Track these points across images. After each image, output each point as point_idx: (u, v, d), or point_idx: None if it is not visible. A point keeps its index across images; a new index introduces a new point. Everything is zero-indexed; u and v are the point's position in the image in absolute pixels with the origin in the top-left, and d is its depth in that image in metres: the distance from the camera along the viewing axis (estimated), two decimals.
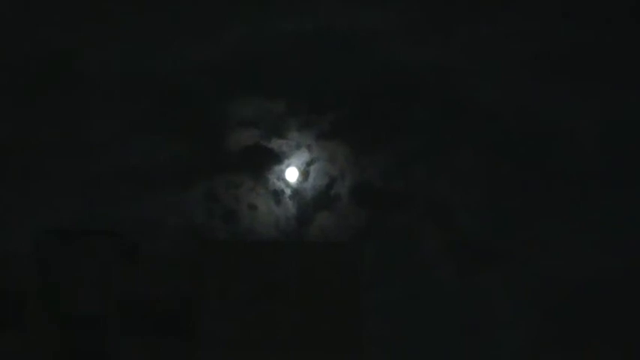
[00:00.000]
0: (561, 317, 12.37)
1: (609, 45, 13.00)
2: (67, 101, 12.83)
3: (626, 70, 12.97)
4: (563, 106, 13.00)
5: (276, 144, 13.17)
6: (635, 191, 12.60)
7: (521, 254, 12.69)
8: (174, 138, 12.94)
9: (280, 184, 13.00)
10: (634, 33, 12.66)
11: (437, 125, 13.04)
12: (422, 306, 12.38)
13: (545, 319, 12.36)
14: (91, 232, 11.58)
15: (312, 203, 13.00)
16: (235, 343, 11.14)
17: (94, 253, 11.38)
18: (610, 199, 12.69)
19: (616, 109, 13.02)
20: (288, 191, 13.04)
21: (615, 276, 12.29)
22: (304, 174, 13.08)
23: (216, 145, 13.04)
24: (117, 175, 12.77)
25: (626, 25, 12.71)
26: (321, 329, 11.19)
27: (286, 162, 13.14)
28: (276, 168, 13.10)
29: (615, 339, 12.04)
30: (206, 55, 13.25)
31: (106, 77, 13.16)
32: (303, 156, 13.15)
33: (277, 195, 12.98)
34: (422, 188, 12.91)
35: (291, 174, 13.13)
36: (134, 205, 12.60)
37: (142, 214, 12.52)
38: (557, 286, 12.48)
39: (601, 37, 12.92)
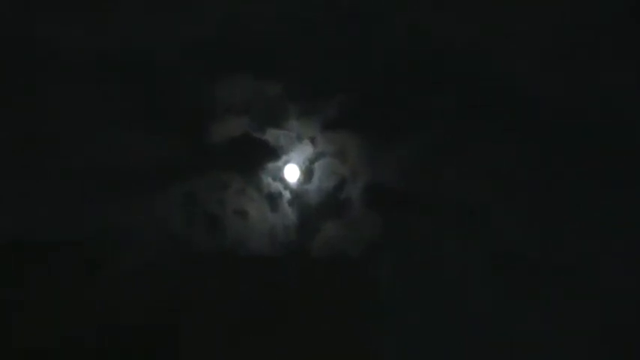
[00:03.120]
0: (622, 349, 10.67)
1: None
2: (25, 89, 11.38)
3: None
4: (625, 95, 11.37)
5: (271, 135, 11.60)
6: None
7: (573, 272, 11.06)
8: (148, 129, 11.30)
9: (277, 186, 11.53)
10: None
11: (471, 113, 11.42)
12: (454, 335, 10.86)
13: (604, 350, 10.70)
14: (49, 244, 10.56)
15: (317, 209, 11.59)
16: None
17: (52, 269, 10.42)
18: None
19: None
20: (286, 194, 11.56)
21: None
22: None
23: (197, 137, 11.42)
24: (78, 175, 11.14)
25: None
26: None
27: (284, 158, 11.62)
28: (272, 165, 11.55)
29: None
30: (186, 28, 11.61)
31: (66, 56, 11.46)
32: (305, 150, 11.70)
33: (273, 199, 11.47)
34: (452, 190, 11.37)
35: (291, 173, 11.65)
36: (99, 211, 10.99)
37: (109, 222, 10.92)
38: (617, 310, 10.86)
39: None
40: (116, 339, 10.03)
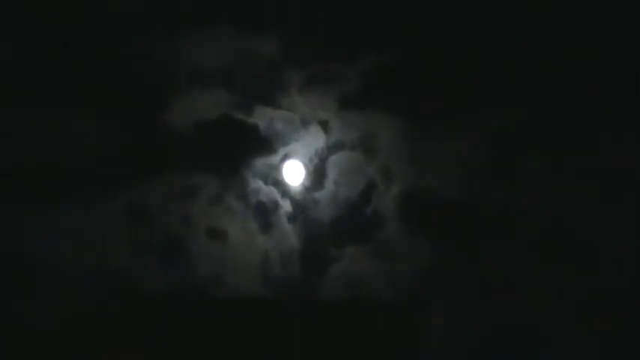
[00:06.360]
0: None
1: None
2: None
3: None
4: None
5: (262, 117, 9.93)
6: None
7: None
8: (76, 107, 9.50)
9: (271, 192, 9.94)
10: None
11: (557, 88, 9.66)
12: None
13: None
14: None
15: (332, 229, 9.89)
16: None
17: None
18: None
19: None
20: (285, 205, 9.90)
21: None
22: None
23: (150, 119, 9.73)
24: None
25: None
26: None
27: (282, 151, 9.97)
28: (264, 162, 9.97)
29: None
30: None
31: None
32: (313, 140, 10.05)
33: (265, 211, 9.88)
34: (531, 202, 9.54)
35: (292, 173, 10.05)
36: (7, 229, 9.14)
37: (16, 248, 9.00)
38: None
39: None
40: None
